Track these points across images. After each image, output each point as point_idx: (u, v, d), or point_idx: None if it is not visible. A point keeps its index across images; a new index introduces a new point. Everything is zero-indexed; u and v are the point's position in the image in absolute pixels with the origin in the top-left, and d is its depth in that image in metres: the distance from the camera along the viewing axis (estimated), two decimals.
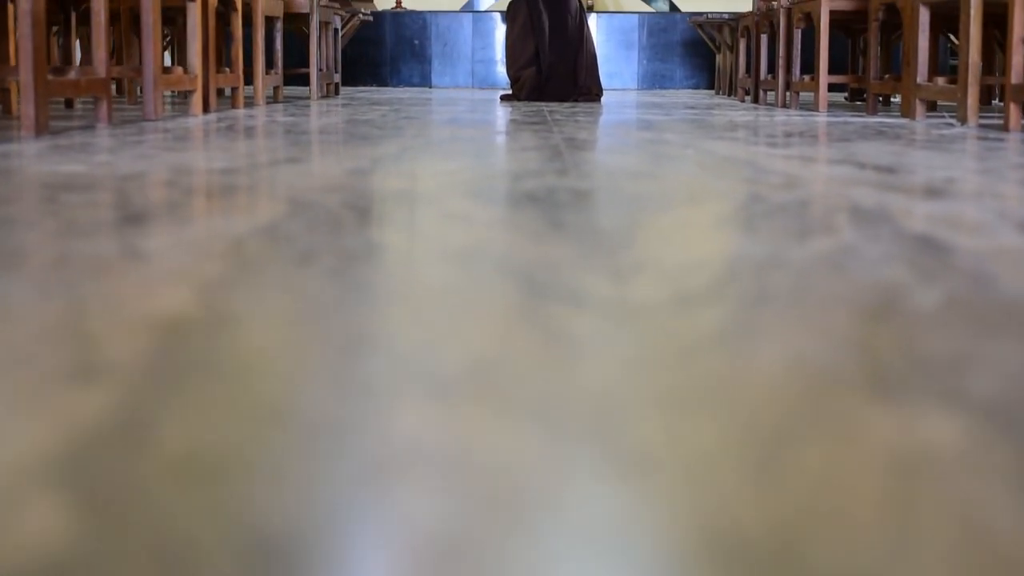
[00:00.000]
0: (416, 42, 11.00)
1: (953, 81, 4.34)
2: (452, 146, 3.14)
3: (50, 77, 3.29)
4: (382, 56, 10.95)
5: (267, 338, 0.84)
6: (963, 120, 4.04)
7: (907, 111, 4.70)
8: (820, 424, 0.64)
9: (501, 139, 3.48)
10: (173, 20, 6.25)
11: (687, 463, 0.58)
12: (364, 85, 10.70)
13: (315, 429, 0.62)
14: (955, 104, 4.22)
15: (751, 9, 7.27)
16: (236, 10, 5.08)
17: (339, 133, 3.57)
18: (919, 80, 4.58)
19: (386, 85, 10.86)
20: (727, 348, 0.81)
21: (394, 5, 11.55)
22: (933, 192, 1.99)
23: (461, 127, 4.00)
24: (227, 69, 5.26)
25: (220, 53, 5.82)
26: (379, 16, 10.60)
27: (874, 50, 5.24)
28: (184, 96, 5.32)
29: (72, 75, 3.64)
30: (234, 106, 5.11)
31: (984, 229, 1.51)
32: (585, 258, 1.21)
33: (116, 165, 2.28)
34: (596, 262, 1.18)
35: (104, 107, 3.70)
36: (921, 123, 4.33)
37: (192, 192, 1.95)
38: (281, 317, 0.91)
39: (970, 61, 3.97)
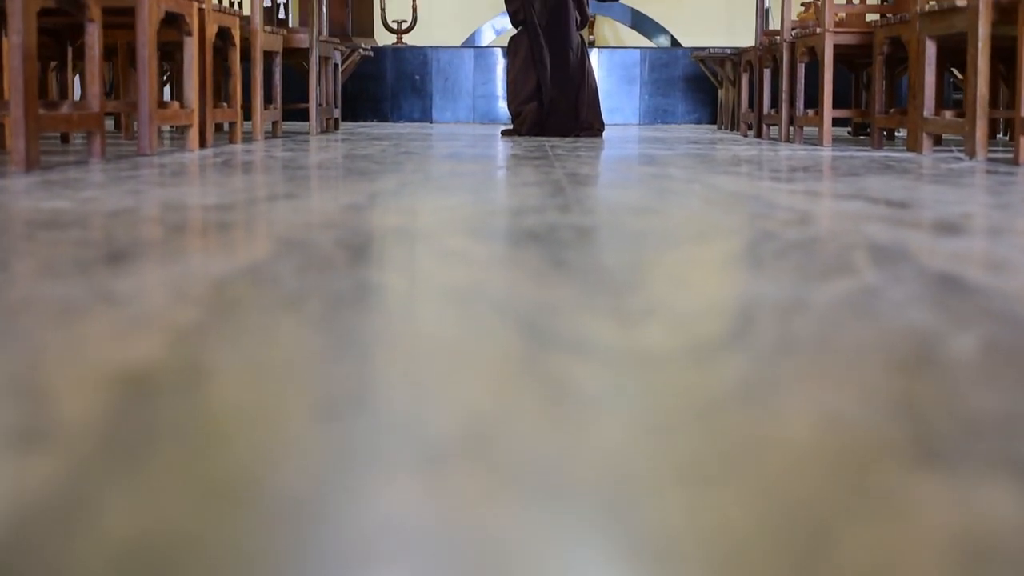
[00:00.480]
0: (417, 77, 10.96)
1: (960, 115, 4.27)
2: (452, 181, 3.07)
3: (42, 112, 3.22)
4: (383, 91, 10.91)
5: (238, 397, 0.76)
6: (971, 154, 3.98)
7: (913, 145, 4.64)
8: (864, 499, 0.56)
9: (502, 174, 3.41)
10: (172, 55, 6.21)
11: (712, 547, 0.50)
12: (364, 120, 10.65)
13: (286, 508, 0.54)
14: (960, 138, 4.15)
15: (754, 43, 7.23)
16: (234, 45, 5.03)
17: (337, 168, 3.50)
18: (926, 114, 4.52)
19: (387, 120, 10.81)
20: (752, 407, 0.73)
21: (395, 40, 11.53)
22: (951, 228, 1.91)
23: (461, 162, 3.93)
24: (225, 104, 5.20)
25: (218, 88, 5.76)
26: (380, 51, 10.56)
27: (879, 84, 5.19)
28: (181, 131, 5.26)
29: (64, 109, 3.58)
30: (231, 141, 5.05)
31: (1010, 267, 1.43)
32: (590, 300, 1.13)
33: (103, 201, 2.20)
34: (601, 305, 1.10)
35: (97, 142, 3.63)
36: (928, 157, 4.26)
37: (179, 230, 1.87)
38: (257, 373, 0.82)
39: (978, 94, 3.91)
